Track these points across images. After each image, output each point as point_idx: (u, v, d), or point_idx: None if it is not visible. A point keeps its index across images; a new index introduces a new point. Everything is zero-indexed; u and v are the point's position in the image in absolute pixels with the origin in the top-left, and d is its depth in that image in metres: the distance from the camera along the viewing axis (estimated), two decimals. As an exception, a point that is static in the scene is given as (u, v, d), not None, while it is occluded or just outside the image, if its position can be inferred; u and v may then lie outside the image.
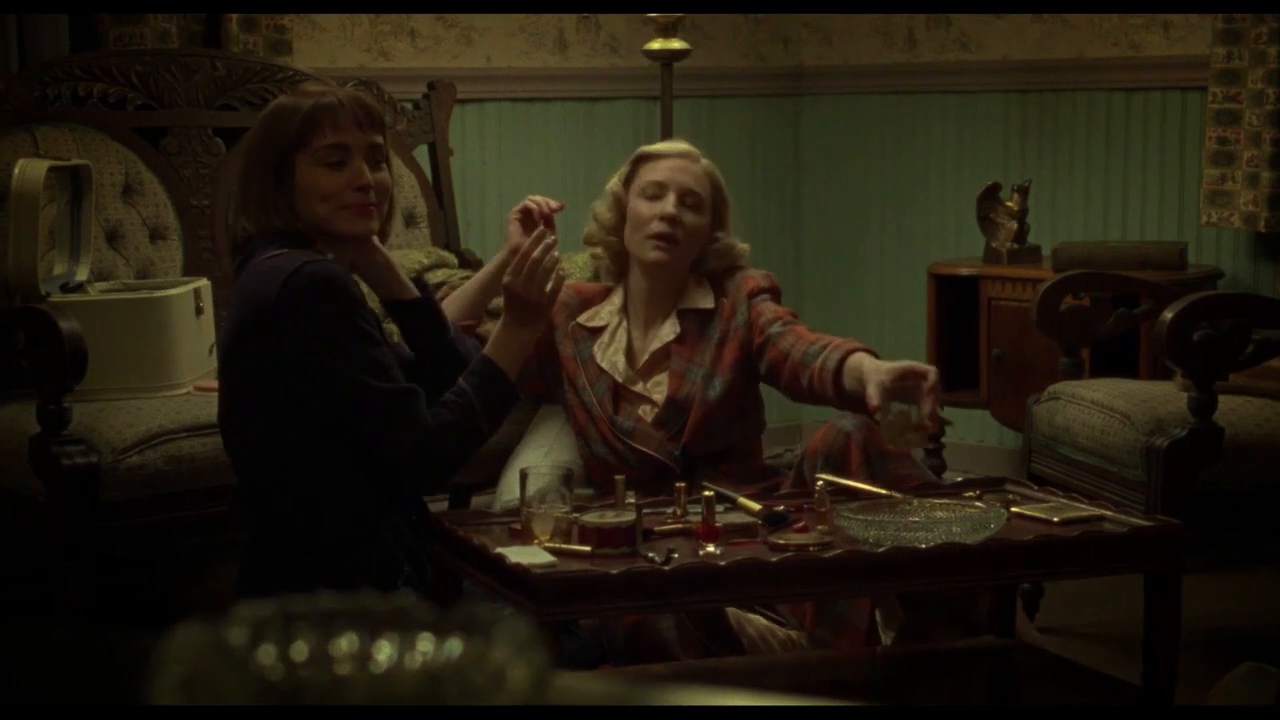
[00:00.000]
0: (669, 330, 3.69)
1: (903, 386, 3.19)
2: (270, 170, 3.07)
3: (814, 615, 3.37)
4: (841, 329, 6.14)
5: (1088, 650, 3.92)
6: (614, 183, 3.76)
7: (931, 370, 3.25)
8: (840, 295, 6.13)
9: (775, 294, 3.71)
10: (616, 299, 3.75)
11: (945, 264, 5.38)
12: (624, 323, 3.73)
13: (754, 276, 3.70)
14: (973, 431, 5.73)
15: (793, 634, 3.40)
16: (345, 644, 0.81)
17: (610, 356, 3.70)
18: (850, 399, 3.39)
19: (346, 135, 3.09)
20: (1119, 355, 4.72)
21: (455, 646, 0.80)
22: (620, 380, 3.68)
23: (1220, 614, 4.23)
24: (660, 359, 3.70)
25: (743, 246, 3.76)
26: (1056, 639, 3.98)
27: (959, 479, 3.73)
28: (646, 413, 3.67)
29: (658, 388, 3.68)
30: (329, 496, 3.11)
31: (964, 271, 5.25)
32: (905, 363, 3.28)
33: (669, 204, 3.64)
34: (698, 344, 3.67)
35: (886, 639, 3.37)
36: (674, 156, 3.72)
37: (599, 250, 3.78)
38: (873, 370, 3.28)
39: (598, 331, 3.73)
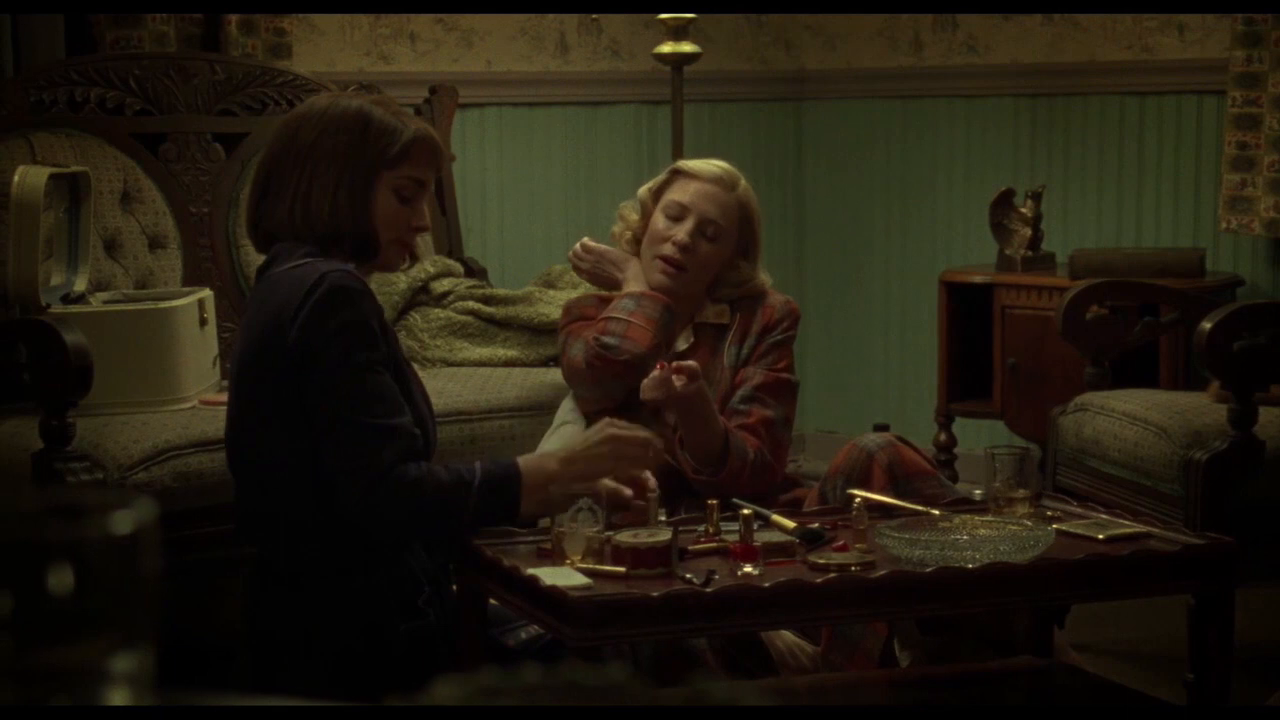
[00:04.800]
0: (682, 342, 3.57)
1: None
2: (361, 178, 2.98)
3: (828, 639, 3.26)
4: (846, 339, 6.07)
5: (1119, 669, 3.83)
6: (645, 190, 3.63)
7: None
8: (845, 304, 6.03)
9: (792, 325, 3.59)
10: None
11: (957, 271, 5.28)
12: None
13: (773, 306, 3.58)
14: (986, 442, 5.61)
15: (820, 649, 3.30)
16: (553, 724, 0.69)
17: None
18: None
19: (426, 173, 3.03)
20: (1137, 364, 4.61)
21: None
22: None
23: (1261, 631, 4.12)
24: None
25: (763, 279, 3.62)
26: (1086, 657, 3.87)
27: (977, 493, 3.61)
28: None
29: None
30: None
31: (977, 279, 5.15)
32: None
33: (685, 230, 3.51)
34: (710, 361, 3.54)
35: (904, 662, 3.26)
36: (707, 180, 3.57)
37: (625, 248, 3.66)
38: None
39: None
